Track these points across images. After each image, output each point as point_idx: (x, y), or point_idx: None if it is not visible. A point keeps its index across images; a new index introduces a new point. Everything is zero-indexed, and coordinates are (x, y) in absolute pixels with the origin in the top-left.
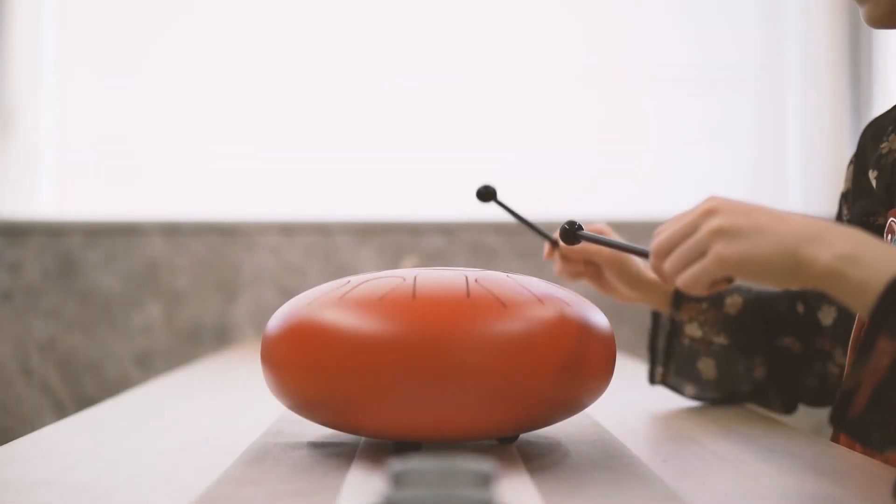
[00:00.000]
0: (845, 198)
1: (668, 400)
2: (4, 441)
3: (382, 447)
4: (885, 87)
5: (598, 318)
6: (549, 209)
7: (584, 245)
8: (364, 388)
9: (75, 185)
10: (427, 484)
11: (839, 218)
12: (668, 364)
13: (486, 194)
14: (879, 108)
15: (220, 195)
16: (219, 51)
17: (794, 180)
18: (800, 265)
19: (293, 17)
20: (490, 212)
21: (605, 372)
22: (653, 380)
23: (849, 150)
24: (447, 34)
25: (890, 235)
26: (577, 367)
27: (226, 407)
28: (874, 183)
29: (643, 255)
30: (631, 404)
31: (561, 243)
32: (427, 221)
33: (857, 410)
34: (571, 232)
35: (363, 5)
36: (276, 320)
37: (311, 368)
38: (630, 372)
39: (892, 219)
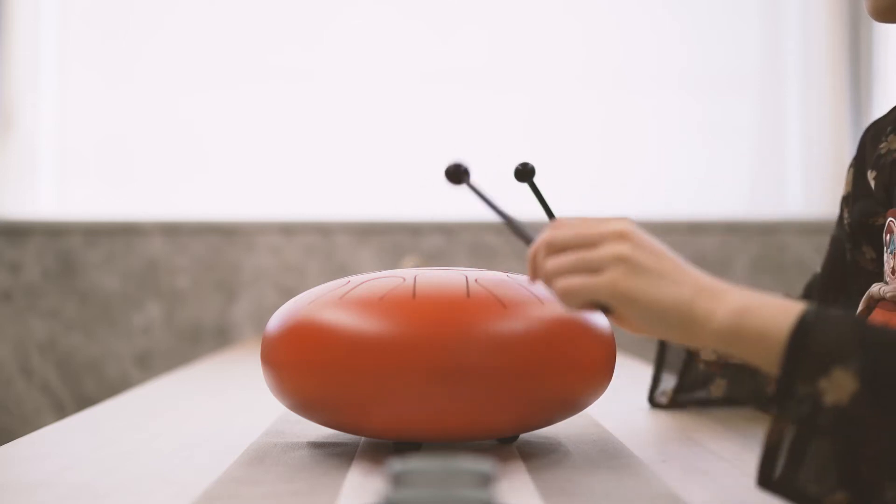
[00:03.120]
0: (846, 201)
1: None
2: (4, 441)
3: (382, 447)
4: (885, 87)
5: (598, 318)
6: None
7: None
8: (364, 388)
9: (75, 185)
10: (427, 484)
11: (840, 221)
12: (679, 389)
13: (456, 174)
14: (879, 108)
15: (219, 195)
16: (218, 51)
17: (794, 180)
18: (693, 320)
19: (294, 17)
20: (490, 212)
21: (605, 372)
22: (653, 402)
23: (849, 150)
24: (447, 34)
25: (889, 235)
26: (577, 367)
27: (226, 407)
28: (872, 183)
29: (527, 241)
30: (631, 404)
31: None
32: (427, 221)
33: (784, 467)
34: (456, 174)
35: (364, 5)
36: (276, 320)
37: (311, 368)
38: (630, 372)
39: (890, 218)
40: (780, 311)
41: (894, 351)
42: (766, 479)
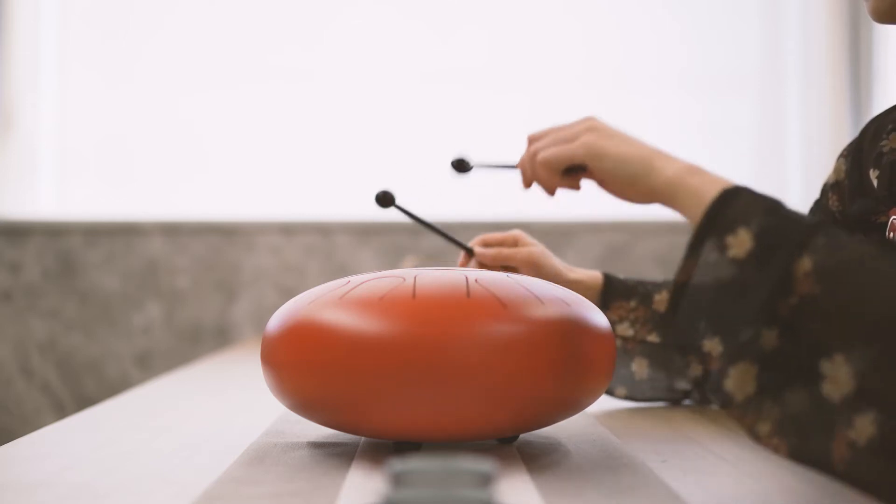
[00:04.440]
0: (833, 188)
1: None
2: (4, 441)
3: (382, 447)
4: (885, 87)
5: (598, 318)
6: (548, 209)
7: (498, 251)
8: (364, 388)
9: (75, 185)
10: (427, 484)
11: (822, 205)
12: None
13: (385, 199)
14: (879, 109)
15: (219, 195)
16: (218, 51)
17: (794, 180)
18: (650, 171)
19: (294, 17)
20: (490, 212)
21: (605, 372)
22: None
23: None
24: (447, 34)
25: (892, 233)
26: (577, 367)
27: (226, 407)
28: (875, 182)
29: (510, 167)
30: (631, 404)
31: (476, 250)
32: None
33: (681, 305)
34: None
35: (364, 5)
36: (276, 320)
37: (311, 368)
38: None
39: (893, 217)
40: (719, 179)
41: (790, 221)
42: (668, 318)
